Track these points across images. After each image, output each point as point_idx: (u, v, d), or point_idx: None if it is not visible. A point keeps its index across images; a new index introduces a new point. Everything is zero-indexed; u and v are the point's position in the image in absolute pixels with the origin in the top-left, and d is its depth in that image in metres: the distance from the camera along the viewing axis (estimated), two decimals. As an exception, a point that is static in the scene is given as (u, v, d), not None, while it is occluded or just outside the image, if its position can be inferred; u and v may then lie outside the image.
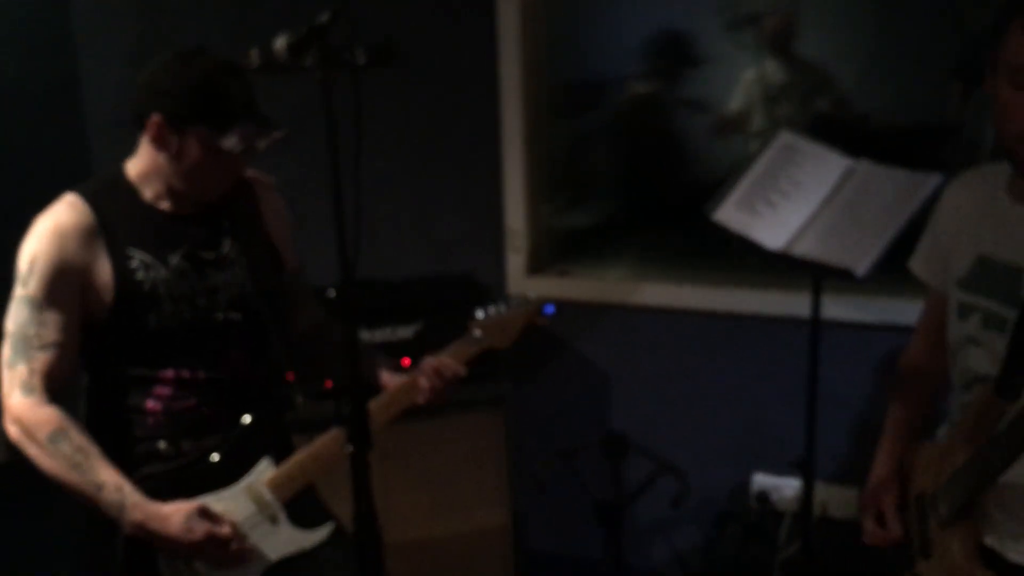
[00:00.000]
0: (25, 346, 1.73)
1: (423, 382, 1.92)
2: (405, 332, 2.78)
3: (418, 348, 2.47)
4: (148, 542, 1.74)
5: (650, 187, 3.24)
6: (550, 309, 2.03)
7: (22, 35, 3.87)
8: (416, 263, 3.18)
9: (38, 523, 3.79)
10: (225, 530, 1.75)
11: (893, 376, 1.96)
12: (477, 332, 1.97)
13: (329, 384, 2.67)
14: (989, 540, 1.62)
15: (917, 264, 1.87)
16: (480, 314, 1.98)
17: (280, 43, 1.55)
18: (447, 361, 1.94)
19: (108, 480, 1.71)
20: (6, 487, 4.16)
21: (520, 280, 3.13)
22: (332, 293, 2.64)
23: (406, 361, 2.42)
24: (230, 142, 1.73)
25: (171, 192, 1.82)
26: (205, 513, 1.75)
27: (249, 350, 1.89)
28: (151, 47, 3.39)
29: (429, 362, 1.94)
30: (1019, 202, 1.60)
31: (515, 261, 3.14)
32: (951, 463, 1.64)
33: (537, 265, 3.18)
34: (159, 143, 1.76)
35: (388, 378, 1.97)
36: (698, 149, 3.16)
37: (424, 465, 2.75)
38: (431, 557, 2.75)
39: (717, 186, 2.33)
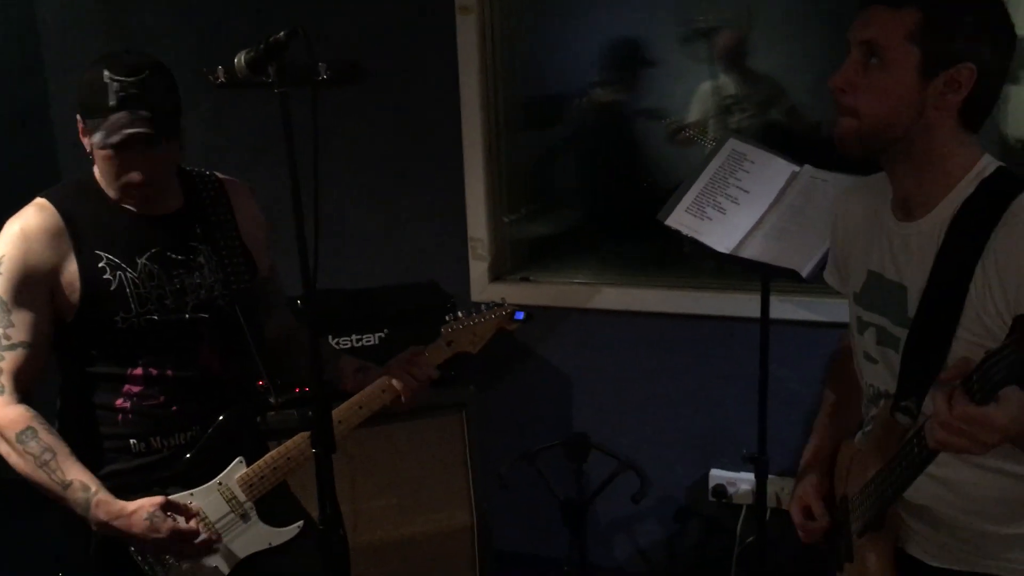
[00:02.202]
0: None
1: (397, 384, 1.94)
2: (371, 340, 2.82)
3: (384, 356, 2.51)
4: (118, 539, 1.76)
5: (610, 195, 3.31)
6: (520, 315, 2.07)
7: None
8: (382, 272, 3.24)
9: (24, 528, 3.78)
10: (191, 525, 1.78)
11: (829, 367, 1.97)
12: (448, 337, 2.00)
13: (297, 390, 2.71)
14: (911, 550, 1.63)
15: (828, 275, 1.86)
16: (451, 319, 2.01)
17: (239, 60, 1.60)
18: (424, 366, 1.96)
19: (75, 479, 1.73)
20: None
21: (483, 287, 3.20)
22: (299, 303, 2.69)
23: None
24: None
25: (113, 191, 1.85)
26: (170, 507, 1.76)
27: (220, 349, 1.91)
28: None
29: (401, 364, 1.96)
30: (901, 219, 1.58)
31: (478, 269, 3.21)
32: (864, 471, 1.64)
33: (500, 272, 3.25)
34: (85, 142, 1.80)
35: (355, 380, 1.99)
36: (657, 157, 3.23)
37: (391, 468, 2.79)
38: (398, 558, 2.79)
39: (669, 191, 2.40)
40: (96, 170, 1.86)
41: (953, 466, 1.52)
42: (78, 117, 1.80)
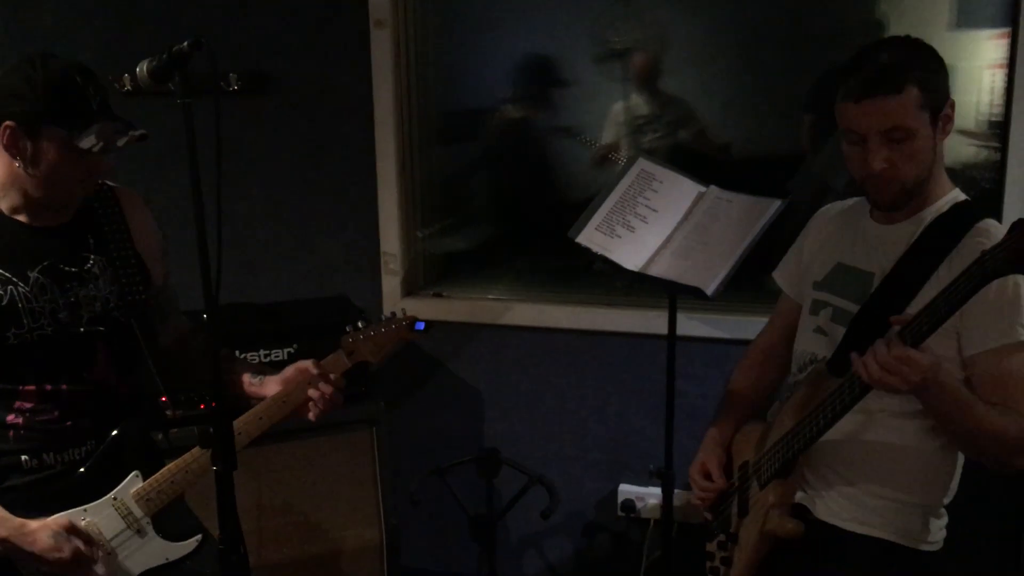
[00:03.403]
0: None
1: (313, 393, 1.90)
2: (280, 354, 2.78)
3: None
4: (7, 558, 1.71)
5: (523, 212, 3.34)
6: (420, 325, 2.06)
7: None
8: (292, 286, 3.20)
9: None
10: (93, 550, 1.74)
11: (742, 359, 2.25)
12: (349, 347, 1.98)
13: (203, 407, 2.66)
14: (800, 498, 1.89)
15: (779, 274, 2.20)
16: (352, 330, 1.99)
17: (142, 69, 1.58)
18: (332, 376, 1.92)
19: None
20: None
21: (395, 302, 3.17)
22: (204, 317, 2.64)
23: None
24: (88, 142, 1.70)
25: (29, 201, 1.78)
26: (72, 530, 1.73)
27: (115, 362, 1.87)
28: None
29: (306, 377, 1.91)
30: (880, 223, 1.91)
31: (390, 283, 3.19)
32: (778, 432, 1.89)
33: (412, 288, 3.24)
34: (13, 150, 1.72)
35: (252, 387, 1.96)
36: (569, 173, 3.27)
37: (298, 485, 2.75)
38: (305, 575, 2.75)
39: (581, 209, 2.43)
40: None
41: (876, 429, 1.81)
42: (12, 126, 1.70)
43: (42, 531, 1.70)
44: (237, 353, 2.69)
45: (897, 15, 2.71)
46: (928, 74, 1.75)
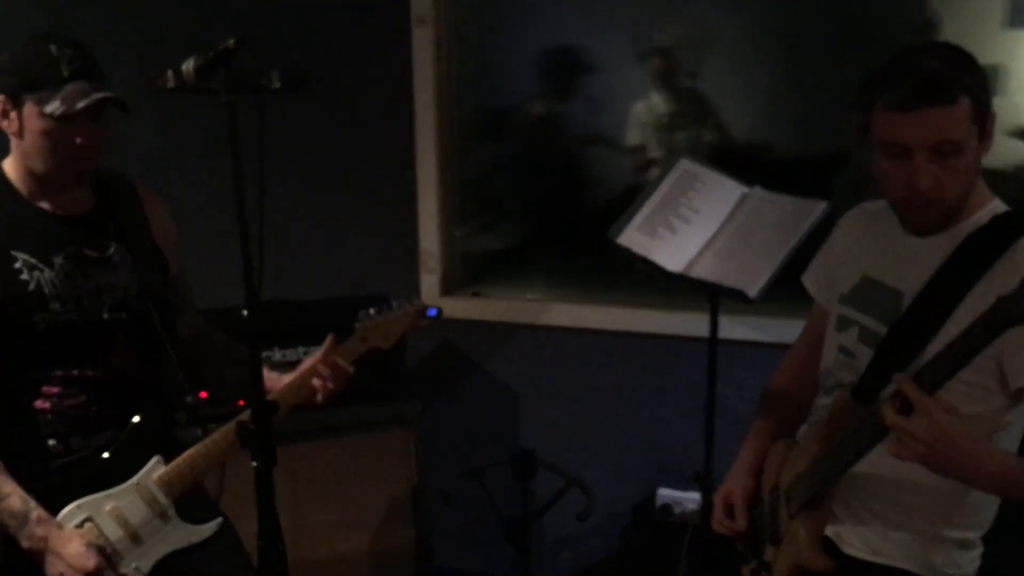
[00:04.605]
0: None
1: (317, 382, 1.93)
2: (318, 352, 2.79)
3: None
4: (27, 554, 1.73)
5: (562, 211, 3.32)
6: (432, 312, 2.07)
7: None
8: (331, 284, 3.20)
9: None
10: (119, 570, 1.78)
11: (771, 378, 2.12)
12: (362, 333, 2.00)
13: (241, 403, 2.67)
14: (829, 531, 1.77)
15: (808, 278, 2.03)
16: (364, 316, 2.02)
17: (187, 65, 1.59)
18: (338, 359, 1.95)
19: (12, 492, 1.72)
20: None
21: (434, 301, 3.14)
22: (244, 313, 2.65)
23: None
24: (52, 106, 1.72)
25: (38, 181, 1.82)
26: (100, 550, 1.76)
27: (137, 350, 1.90)
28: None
29: (317, 360, 1.94)
30: (911, 234, 1.73)
31: (429, 282, 3.19)
32: (806, 458, 1.77)
33: (451, 287, 3.23)
34: (6, 123, 1.77)
35: (270, 381, 1.97)
36: (608, 172, 3.24)
37: (334, 483, 2.76)
38: (339, 574, 2.76)
39: (620, 209, 2.41)
40: (9, 164, 1.83)
41: (904, 465, 1.61)
42: (6, 95, 1.75)
43: (76, 539, 1.74)
44: (277, 352, 2.72)
45: (951, 13, 2.65)
46: (978, 85, 1.60)
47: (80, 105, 1.72)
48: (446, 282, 3.21)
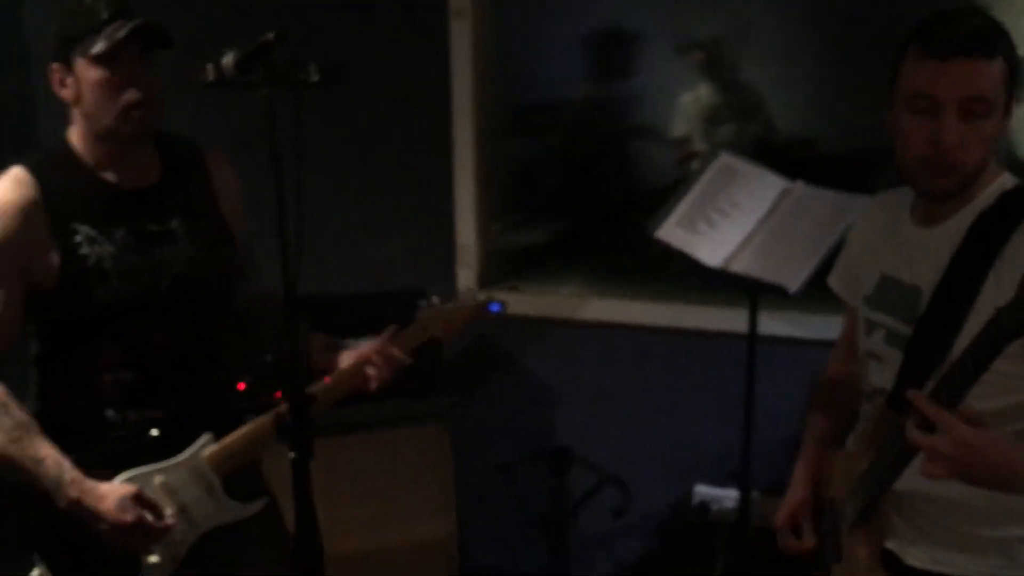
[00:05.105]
0: None
1: (371, 370, 1.92)
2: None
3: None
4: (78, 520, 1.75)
5: (599, 205, 3.30)
6: (496, 307, 2.05)
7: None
8: (368, 278, 3.21)
9: None
10: (158, 522, 1.78)
11: (815, 388, 2.03)
12: (424, 322, 1.98)
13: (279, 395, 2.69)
14: (890, 544, 1.69)
15: (834, 280, 1.95)
16: (427, 305, 2.00)
17: (228, 59, 1.60)
18: (393, 348, 1.94)
19: (48, 455, 1.73)
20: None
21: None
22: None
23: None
24: (98, 47, 1.72)
25: (99, 148, 1.82)
26: (139, 499, 1.76)
27: (195, 325, 1.90)
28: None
29: (374, 348, 1.93)
30: (920, 225, 1.67)
31: (465, 276, 3.18)
32: (855, 470, 1.71)
33: (487, 281, 3.23)
34: (65, 91, 1.78)
35: (323, 359, 1.98)
36: (646, 167, 3.22)
37: (369, 477, 2.77)
38: (374, 568, 2.76)
39: (659, 204, 2.40)
40: (74, 134, 1.83)
41: None
42: (54, 66, 1.77)
43: (110, 495, 1.74)
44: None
45: (1000, 7, 2.59)
46: (1013, 53, 1.54)
47: (122, 34, 1.72)
48: (482, 277, 3.20)
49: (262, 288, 2.09)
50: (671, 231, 2.36)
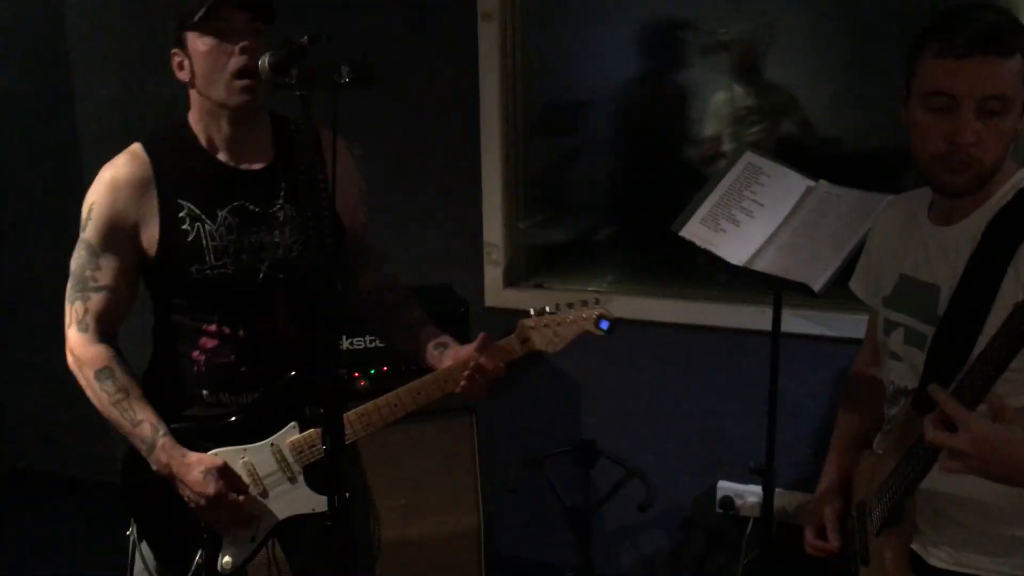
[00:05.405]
0: (82, 286, 1.86)
1: (463, 377, 1.88)
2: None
3: (394, 356, 2.53)
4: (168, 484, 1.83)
5: (624, 204, 3.32)
6: (605, 324, 1.94)
7: (17, 49, 3.95)
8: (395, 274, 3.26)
9: (29, 525, 3.84)
10: (238, 497, 1.83)
11: (844, 389, 2.02)
12: (524, 333, 1.88)
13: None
14: (915, 546, 1.68)
15: (854, 283, 1.94)
16: (533, 314, 1.90)
17: (264, 61, 1.65)
18: (484, 360, 1.87)
19: (145, 419, 1.82)
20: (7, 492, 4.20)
21: (497, 293, 3.22)
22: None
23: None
24: (199, 14, 1.76)
25: (213, 126, 1.85)
26: (224, 471, 1.83)
27: (292, 312, 1.91)
28: (144, 62, 3.47)
29: (469, 355, 1.88)
30: (937, 223, 1.67)
31: (492, 274, 3.22)
32: (882, 472, 1.70)
33: (514, 278, 3.26)
34: (182, 73, 1.84)
35: (432, 357, 1.97)
36: (671, 165, 3.23)
37: (399, 468, 2.81)
38: (403, 558, 2.80)
39: (684, 202, 2.42)
40: (191, 115, 1.88)
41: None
42: (173, 51, 1.83)
43: (196, 465, 1.81)
44: (345, 340, 2.76)
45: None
46: None
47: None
48: (509, 274, 3.24)
49: (382, 280, 2.11)
50: (695, 229, 2.37)
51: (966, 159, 1.53)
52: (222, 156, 1.89)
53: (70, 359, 1.87)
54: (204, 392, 1.91)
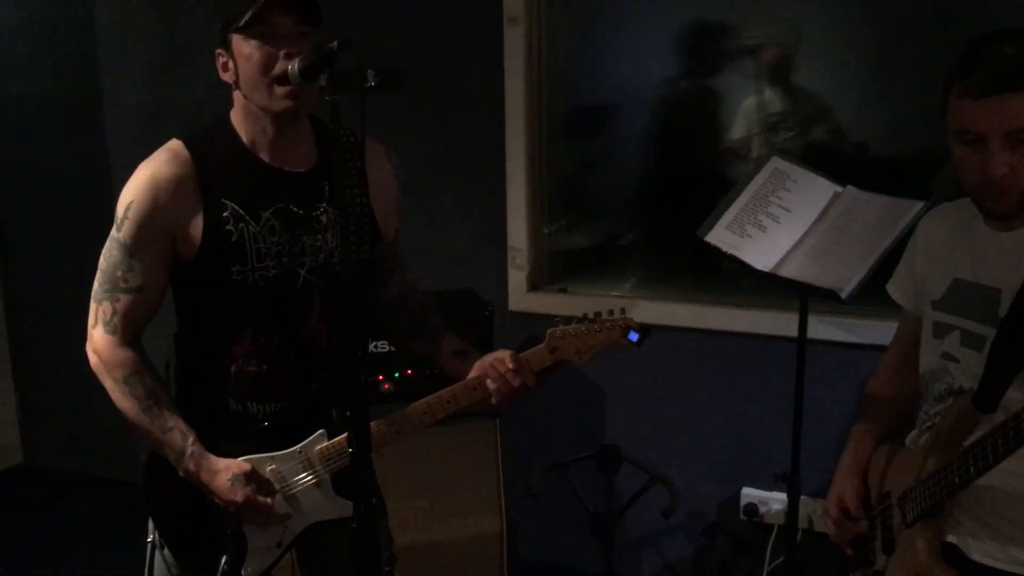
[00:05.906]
0: (112, 286, 1.81)
1: (491, 387, 1.88)
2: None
3: (418, 361, 2.54)
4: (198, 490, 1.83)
5: (649, 209, 3.32)
6: (634, 336, 1.95)
7: (46, 53, 3.99)
8: (420, 278, 3.25)
9: (50, 523, 3.88)
10: (266, 500, 1.83)
11: (867, 384, 2.07)
12: (553, 343, 1.91)
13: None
14: (952, 538, 1.71)
15: (893, 288, 1.99)
16: (561, 324, 1.92)
17: (293, 67, 1.66)
18: (510, 368, 1.87)
19: (176, 426, 1.81)
20: (19, 488, 4.25)
21: (521, 297, 3.22)
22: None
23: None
24: (245, 17, 1.72)
25: (256, 127, 1.82)
26: (252, 476, 1.82)
27: (329, 317, 1.90)
28: (172, 66, 3.50)
29: (497, 365, 1.88)
30: (997, 228, 1.71)
31: (516, 278, 3.23)
32: (921, 467, 1.73)
33: (538, 282, 3.27)
34: (227, 74, 1.80)
35: (452, 364, 1.96)
36: (695, 170, 3.22)
37: (423, 472, 2.81)
38: (427, 561, 2.81)
39: (711, 207, 2.41)
40: (234, 116, 1.85)
41: None
42: (218, 51, 1.80)
43: (224, 472, 1.80)
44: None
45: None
46: None
47: (263, 1, 1.71)
48: (533, 278, 3.24)
49: (411, 283, 2.11)
50: (720, 234, 2.35)
51: (1003, 189, 1.59)
52: (265, 157, 1.85)
53: (93, 360, 1.84)
54: (230, 400, 1.88)
